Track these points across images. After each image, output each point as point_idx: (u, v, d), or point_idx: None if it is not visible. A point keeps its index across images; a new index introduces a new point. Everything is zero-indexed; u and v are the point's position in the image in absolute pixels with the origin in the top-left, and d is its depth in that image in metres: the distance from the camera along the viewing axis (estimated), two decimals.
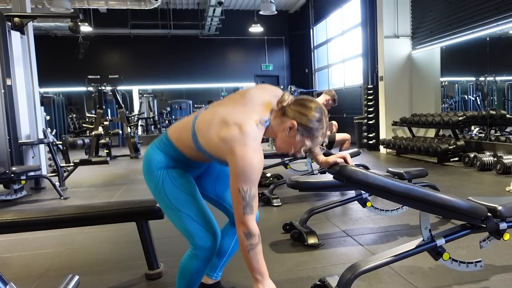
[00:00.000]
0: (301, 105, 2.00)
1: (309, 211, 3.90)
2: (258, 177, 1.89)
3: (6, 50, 6.27)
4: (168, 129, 2.23)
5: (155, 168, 2.11)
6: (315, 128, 1.99)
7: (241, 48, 18.23)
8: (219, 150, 1.93)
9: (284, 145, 2.05)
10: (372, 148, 11.01)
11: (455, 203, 2.22)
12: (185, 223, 2.08)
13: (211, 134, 1.95)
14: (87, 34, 15.57)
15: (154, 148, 2.16)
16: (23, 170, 5.88)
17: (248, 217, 1.87)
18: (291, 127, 1.97)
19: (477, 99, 12.14)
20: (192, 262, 2.13)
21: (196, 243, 2.09)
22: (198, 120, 2.05)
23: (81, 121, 17.19)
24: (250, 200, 1.86)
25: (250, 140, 1.88)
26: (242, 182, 1.85)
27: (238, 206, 1.86)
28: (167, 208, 2.13)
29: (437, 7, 9.19)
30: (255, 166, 1.85)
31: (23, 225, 2.84)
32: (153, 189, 2.14)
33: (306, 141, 2.01)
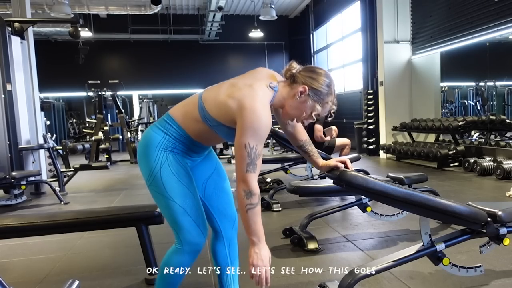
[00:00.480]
0: (311, 71, 2.03)
1: (309, 216, 3.90)
2: (265, 135, 1.88)
3: (6, 55, 6.29)
4: (170, 110, 2.14)
5: (154, 148, 2.01)
6: (325, 93, 2.01)
7: (241, 53, 18.25)
8: (227, 109, 1.90)
9: (294, 111, 2.04)
10: (372, 153, 11.01)
11: (455, 208, 2.22)
12: (177, 215, 2.00)
13: (220, 97, 1.94)
14: (87, 39, 15.62)
15: (154, 128, 2.07)
16: (23, 175, 5.88)
17: (251, 175, 1.84)
18: (302, 92, 1.98)
19: (477, 104, 12.16)
20: (176, 256, 2.06)
21: (184, 237, 2.01)
22: (205, 93, 2.05)
23: (81, 126, 17.21)
24: (255, 157, 1.84)
25: (260, 96, 1.89)
26: (249, 136, 1.82)
27: (242, 162, 1.83)
28: (160, 196, 2.02)
29: (437, 12, 9.21)
30: (264, 121, 1.84)
31: (23, 230, 2.84)
32: (148, 173, 2.02)
33: (317, 106, 2.01)
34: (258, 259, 1.86)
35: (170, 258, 2.07)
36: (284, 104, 2.04)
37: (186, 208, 2.00)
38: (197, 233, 2.03)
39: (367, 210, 3.70)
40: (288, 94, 2.02)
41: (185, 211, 2.00)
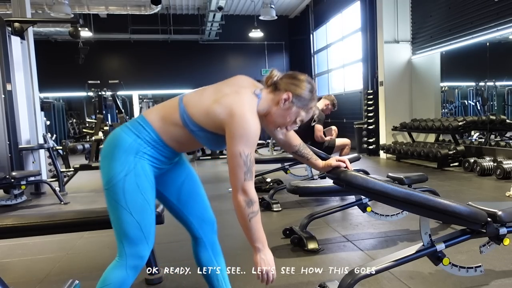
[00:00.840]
0: (292, 77, 2.03)
1: (309, 216, 3.90)
2: (256, 141, 1.87)
3: (6, 55, 6.29)
4: (144, 112, 2.03)
5: (122, 151, 1.88)
6: (308, 98, 2.01)
7: (241, 53, 18.25)
8: (214, 116, 1.86)
9: (279, 118, 2.02)
10: (372, 153, 11.01)
11: (455, 208, 2.22)
12: (129, 227, 1.88)
13: (205, 102, 1.90)
14: (87, 39, 15.61)
15: (125, 129, 1.94)
16: (23, 175, 5.88)
17: (249, 183, 1.85)
18: (286, 99, 1.97)
19: (477, 104, 12.17)
20: (117, 271, 1.91)
21: (131, 251, 1.90)
22: (186, 97, 1.99)
23: (81, 126, 17.19)
24: (250, 165, 1.84)
25: (248, 103, 1.88)
26: (243, 145, 1.80)
27: (239, 171, 1.82)
28: (116, 204, 1.88)
29: (437, 12, 9.21)
30: (255, 128, 1.83)
31: (23, 230, 2.83)
32: (109, 177, 1.88)
33: (302, 112, 2.02)
34: (266, 264, 1.91)
35: (111, 274, 1.92)
36: (268, 112, 2.02)
37: (141, 223, 1.90)
38: (143, 248, 1.93)
39: (367, 210, 3.70)
40: (272, 102, 2.00)
41: (139, 226, 1.90)
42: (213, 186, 7.02)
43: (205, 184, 2.34)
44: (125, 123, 2.00)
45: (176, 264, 3.17)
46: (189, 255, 2.32)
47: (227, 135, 1.84)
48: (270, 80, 2.03)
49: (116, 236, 1.94)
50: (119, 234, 1.92)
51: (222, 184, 7.07)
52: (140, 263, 1.94)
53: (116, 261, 1.93)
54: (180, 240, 3.94)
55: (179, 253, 3.59)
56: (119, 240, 1.92)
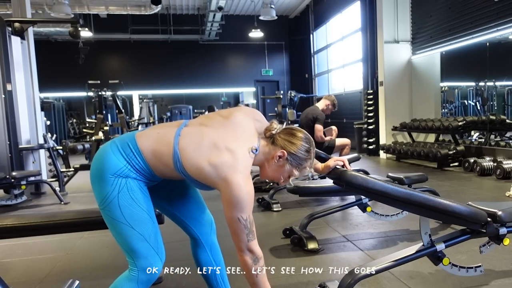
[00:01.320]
0: (290, 134, 2.00)
1: (309, 216, 3.91)
2: (252, 203, 1.87)
3: (7, 55, 6.28)
4: (137, 135, 1.95)
5: (110, 174, 1.85)
6: (303, 158, 2.00)
7: (241, 53, 18.25)
8: (207, 176, 1.84)
9: (272, 173, 2.03)
10: (372, 153, 11.01)
11: (455, 208, 2.22)
12: (134, 242, 1.86)
13: (200, 158, 1.84)
14: (87, 39, 15.62)
15: (115, 151, 1.90)
16: (23, 175, 5.88)
17: (253, 243, 1.87)
18: (281, 156, 1.96)
19: (477, 104, 12.16)
20: (129, 284, 1.89)
21: (142, 264, 1.88)
22: (182, 138, 1.90)
23: (81, 126, 17.18)
24: (251, 226, 1.85)
25: (243, 167, 1.84)
26: (240, 211, 1.81)
27: (241, 234, 1.84)
28: (116, 221, 1.86)
29: (437, 12, 9.21)
30: (250, 194, 1.83)
31: (23, 230, 2.83)
32: (102, 198, 1.87)
33: (294, 171, 2.01)
34: None
35: (121, 285, 1.90)
36: (263, 165, 2.02)
37: (145, 234, 1.88)
38: (155, 260, 1.91)
39: (367, 210, 3.70)
40: (268, 155, 1.99)
41: (144, 238, 1.87)
42: None
43: None
44: (114, 141, 1.95)
45: (176, 264, 3.17)
46: (189, 255, 2.32)
47: (223, 199, 1.83)
48: (269, 133, 2.01)
49: (125, 253, 1.92)
50: (127, 251, 1.90)
51: None
52: (152, 278, 1.92)
53: (128, 272, 1.91)
54: (180, 240, 3.94)
55: (179, 253, 3.59)
56: (129, 256, 1.90)
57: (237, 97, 19.75)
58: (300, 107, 13.49)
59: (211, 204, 2.31)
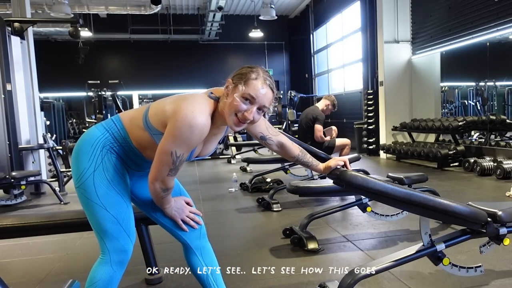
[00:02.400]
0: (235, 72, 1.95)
1: (309, 216, 3.90)
2: (195, 144, 1.81)
3: (6, 55, 6.29)
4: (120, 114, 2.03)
5: (90, 145, 1.87)
6: (246, 72, 1.88)
7: (241, 53, 18.24)
8: (163, 114, 1.82)
9: (227, 108, 1.85)
10: (372, 153, 11.01)
11: (455, 208, 2.22)
12: (107, 224, 1.86)
13: (163, 103, 1.89)
14: (87, 39, 15.62)
15: (98, 126, 1.96)
16: (23, 175, 5.88)
17: (170, 178, 1.86)
18: (227, 85, 1.89)
19: (477, 104, 12.15)
20: (103, 268, 1.90)
21: (113, 246, 1.89)
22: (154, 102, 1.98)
23: (81, 126, 17.18)
24: (179, 165, 1.82)
25: (198, 103, 1.81)
26: (177, 144, 1.76)
27: (164, 167, 1.81)
28: (89, 201, 1.86)
29: (437, 12, 9.21)
30: (197, 127, 1.74)
31: (23, 230, 2.83)
32: (79, 174, 1.86)
33: (240, 86, 1.84)
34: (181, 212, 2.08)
35: (97, 272, 1.91)
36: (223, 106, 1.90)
37: (118, 217, 1.88)
38: (125, 241, 1.92)
39: (367, 210, 3.70)
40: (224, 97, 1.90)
41: (117, 221, 1.88)
42: (213, 186, 7.02)
43: (204, 184, 2.34)
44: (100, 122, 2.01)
45: (176, 264, 3.17)
46: None
47: (167, 129, 1.78)
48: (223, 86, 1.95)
49: (95, 234, 1.92)
50: (98, 232, 1.90)
51: (222, 184, 7.06)
52: (125, 257, 1.93)
53: (100, 258, 1.92)
54: None
55: (179, 253, 3.57)
56: (99, 237, 1.90)
57: None
58: (300, 107, 13.53)
59: (212, 205, 2.31)
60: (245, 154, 10.59)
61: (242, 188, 6.62)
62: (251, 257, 3.50)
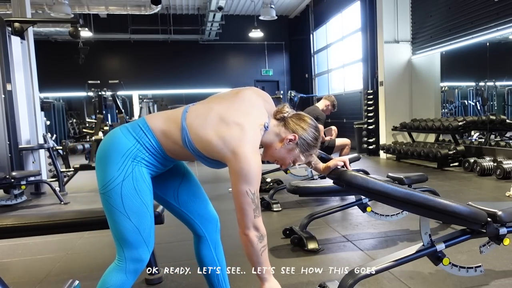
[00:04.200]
0: (302, 120, 2.00)
1: (309, 216, 3.90)
2: (260, 178, 1.85)
3: (6, 55, 6.29)
4: (146, 117, 1.95)
5: (121, 155, 1.83)
6: (312, 145, 2.01)
7: (241, 53, 18.25)
8: (215, 150, 1.82)
9: (279, 155, 2.01)
10: (372, 153, 11.01)
11: (455, 208, 2.22)
12: (128, 233, 1.86)
13: (207, 131, 1.83)
14: (87, 39, 15.61)
15: (125, 131, 1.89)
16: (23, 175, 5.88)
17: (259, 219, 1.84)
18: (291, 140, 1.95)
19: (477, 104, 12.16)
20: (117, 275, 1.88)
21: (131, 254, 1.88)
22: (190, 114, 1.89)
23: (81, 126, 17.17)
24: (258, 202, 1.82)
25: (252, 141, 1.82)
26: (248, 184, 1.78)
27: (248, 209, 1.80)
28: (114, 210, 1.85)
29: (437, 12, 9.21)
30: (259, 169, 1.80)
31: (23, 230, 2.83)
32: (106, 181, 1.84)
33: (301, 156, 2.02)
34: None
35: (110, 277, 1.89)
36: (270, 145, 2.00)
37: (140, 227, 1.87)
38: (143, 251, 1.91)
39: (367, 210, 3.70)
40: (277, 137, 1.98)
41: (138, 231, 1.87)
42: (213, 186, 7.02)
43: (205, 184, 2.34)
44: (125, 125, 1.94)
45: (176, 264, 3.17)
46: (189, 255, 2.32)
47: (231, 172, 1.81)
48: (280, 115, 2.00)
49: (114, 240, 1.91)
50: (117, 238, 1.89)
51: (222, 184, 7.06)
52: (140, 267, 1.92)
53: (115, 264, 1.91)
54: (180, 240, 3.94)
55: (179, 253, 3.59)
56: (118, 244, 1.90)
57: None
58: (300, 107, 13.49)
59: (213, 204, 2.31)
60: None
61: None
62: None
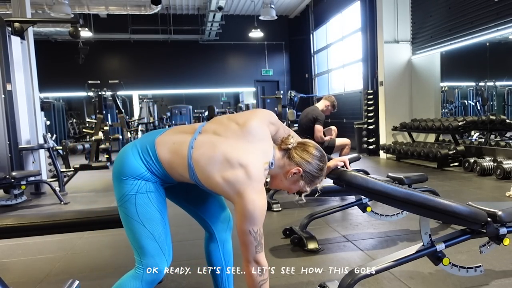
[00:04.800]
0: (307, 151, 2.01)
1: (309, 216, 3.90)
2: (263, 218, 1.88)
3: (6, 55, 6.28)
4: (156, 141, 1.97)
5: (133, 177, 1.92)
6: (317, 176, 2.04)
7: (241, 53, 18.25)
8: (221, 190, 1.88)
9: (282, 185, 2.07)
10: (372, 153, 11.01)
11: (455, 208, 2.22)
12: (144, 240, 1.91)
13: (213, 173, 1.86)
14: (87, 39, 15.62)
15: (136, 155, 1.95)
16: (23, 175, 5.88)
17: (261, 255, 1.89)
18: (296, 173, 1.99)
19: (477, 104, 12.16)
20: (134, 283, 1.93)
21: (147, 263, 1.92)
22: (196, 150, 1.91)
23: (81, 126, 17.18)
24: (260, 239, 1.87)
25: (256, 183, 1.85)
26: (252, 224, 1.83)
27: (250, 246, 1.86)
28: (129, 218, 1.92)
29: (437, 12, 9.21)
30: (263, 209, 1.85)
31: (23, 230, 2.83)
32: (121, 195, 1.94)
33: (306, 187, 2.05)
34: None
35: (126, 283, 1.95)
36: (276, 176, 2.05)
37: (154, 234, 1.92)
38: (161, 260, 1.94)
39: (367, 210, 3.70)
40: (282, 169, 2.01)
41: (153, 237, 1.92)
42: None
43: None
44: (135, 144, 2.00)
45: (176, 264, 3.16)
46: (189, 255, 2.32)
47: (236, 211, 1.86)
48: (284, 146, 2.02)
49: (133, 249, 1.97)
50: (135, 247, 1.95)
51: None
52: (157, 278, 1.95)
53: (133, 271, 1.96)
54: (180, 240, 3.94)
55: (179, 253, 3.59)
56: (136, 253, 1.95)
57: (237, 97, 19.76)
58: (300, 107, 13.51)
59: None
60: None
61: None
62: None
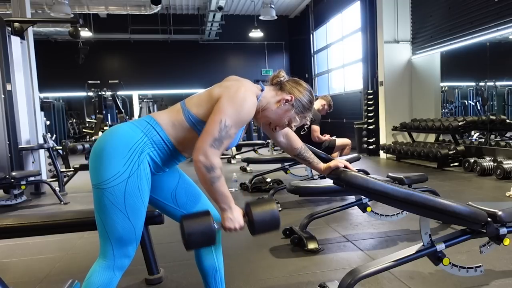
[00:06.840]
0: (298, 83, 2.11)
1: (309, 216, 3.90)
2: (245, 120, 1.86)
3: (6, 55, 6.28)
4: (151, 114, 1.98)
5: (128, 148, 1.79)
6: (307, 107, 2.10)
7: (241, 53, 18.25)
8: (212, 98, 1.88)
9: (274, 116, 2.08)
10: (372, 153, 11.01)
11: (455, 208, 2.22)
12: (124, 232, 1.81)
13: (204, 93, 1.95)
14: (87, 39, 15.62)
15: (131, 125, 1.89)
16: (23, 175, 5.88)
17: (213, 151, 1.78)
18: (288, 100, 2.04)
19: (477, 104, 12.17)
20: (105, 274, 1.85)
21: (120, 252, 1.84)
22: (187, 99, 2.01)
23: (81, 126, 17.20)
24: (225, 136, 1.80)
25: (249, 86, 1.94)
26: (227, 114, 1.80)
27: (208, 136, 1.78)
28: (113, 207, 1.78)
29: (437, 12, 9.21)
30: (247, 103, 1.85)
31: (23, 230, 2.83)
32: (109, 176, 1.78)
33: (297, 117, 2.09)
34: (233, 222, 1.90)
35: (98, 278, 1.86)
36: (265, 108, 2.05)
37: (136, 226, 1.84)
38: (132, 248, 1.88)
39: (367, 210, 3.69)
40: (273, 98, 2.06)
41: (134, 230, 1.84)
42: None
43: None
44: (130, 121, 1.97)
45: (176, 264, 3.17)
46: (189, 255, 2.31)
47: (216, 104, 1.83)
48: (276, 79, 2.09)
49: (102, 237, 1.86)
50: (108, 236, 1.83)
51: None
52: (127, 263, 1.90)
53: (101, 262, 1.86)
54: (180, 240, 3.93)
55: (179, 253, 3.58)
56: (107, 242, 1.84)
57: None
58: None
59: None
60: (245, 154, 10.58)
61: (242, 188, 6.62)
62: (251, 257, 3.50)
